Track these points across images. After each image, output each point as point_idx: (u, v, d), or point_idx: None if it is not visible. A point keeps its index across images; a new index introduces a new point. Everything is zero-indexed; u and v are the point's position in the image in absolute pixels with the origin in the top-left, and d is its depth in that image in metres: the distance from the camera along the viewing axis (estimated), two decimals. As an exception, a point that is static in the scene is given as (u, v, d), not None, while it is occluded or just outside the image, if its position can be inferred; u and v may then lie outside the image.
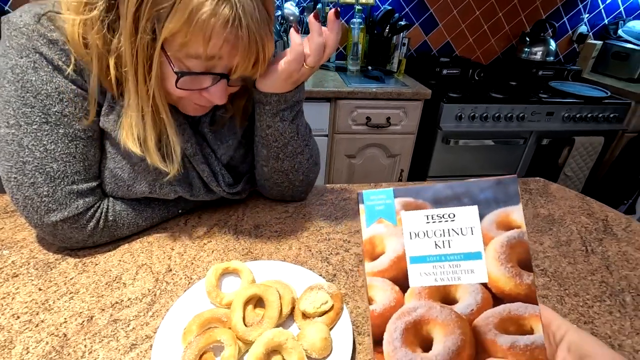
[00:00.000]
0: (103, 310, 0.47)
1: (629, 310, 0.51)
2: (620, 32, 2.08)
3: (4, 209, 0.65)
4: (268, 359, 0.40)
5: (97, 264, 0.54)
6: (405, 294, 0.29)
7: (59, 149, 0.50)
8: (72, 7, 0.45)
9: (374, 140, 1.73)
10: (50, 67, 0.48)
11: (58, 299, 0.48)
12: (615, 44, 2.06)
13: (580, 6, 2.14)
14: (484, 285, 0.28)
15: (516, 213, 0.28)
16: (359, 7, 1.90)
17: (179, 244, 0.59)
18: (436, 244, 0.29)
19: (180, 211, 0.65)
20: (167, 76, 0.47)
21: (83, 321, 0.45)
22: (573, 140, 1.79)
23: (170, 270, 0.54)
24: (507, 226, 0.28)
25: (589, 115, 1.77)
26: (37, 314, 0.46)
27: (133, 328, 0.45)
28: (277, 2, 1.86)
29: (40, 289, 0.49)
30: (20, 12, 0.48)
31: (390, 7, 1.96)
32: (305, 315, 0.45)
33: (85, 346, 0.42)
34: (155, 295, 0.50)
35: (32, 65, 0.47)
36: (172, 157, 0.52)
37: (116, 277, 0.52)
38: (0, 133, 0.49)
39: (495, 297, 0.28)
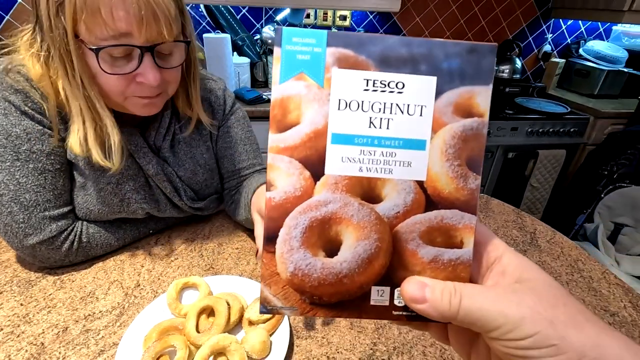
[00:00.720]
0: (77, 321, 0.54)
1: None
2: (581, 51, 2.22)
3: (-10, 231, 0.72)
4: (214, 359, 0.47)
5: (73, 281, 0.62)
6: (317, 183, 0.23)
7: (30, 182, 0.57)
8: (24, 47, 0.54)
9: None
10: (17, 112, 0.56)
11: (37, 312, 0.55)
12: (577, 62, 2.19)
13: (544, 27, 2.29)
14: (419, 183, 0.23)
15: (483, 96, 0.22)
16: (335, 30, 2.01)
17: (148, 261, 0.67)
18: (371, 122, 0.22)
19: (151, 231, 0.73)
20: (95, 68, 0.51)
21: (59, 331, 0.52)
22: (537, 154, 1.91)
23: (139, 285, 0.62)
24: (466, 111, 0.22)
25: (551, 130, 1.89)
26: (19, 326, 0.53)
27: (102, 337, 0.52)
28: (257, 25, 1.97)
29: (21, 304, 0.56)
30: None
31: (364, 30, 2.07)
32: (251, 322, 0.53)
33: (59, 353, 0.49)
34: (123, 307, 0.57)
35: (2, 112, 0.55)
36: (112, 151, 0.56)
37: (90, 292, 0.59)
38: None
39: (429, 200, 0.23)
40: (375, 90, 0.22)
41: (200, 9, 1.85)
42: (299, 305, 0.23)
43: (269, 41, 1.83)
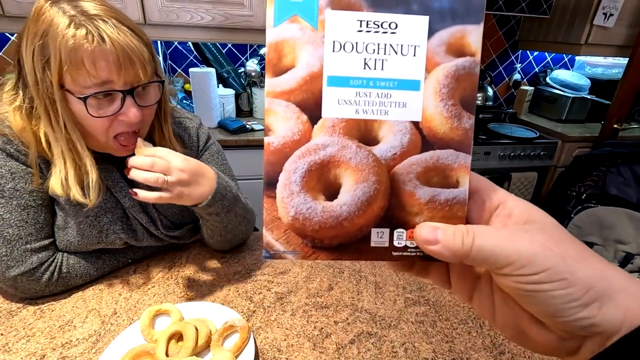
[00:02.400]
0: (54, 349, 0.57)
1: (484, 330, 0.65)
2: (548, 79, 2.37)
3: (-26, 264, 0.75)
4: (182, 381, 0.51)
5: (53, 310, 0.65)
6: (315, 127, 0.23)
7: (13, 217, 0.62)
8: (7, 102, 0.61)
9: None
10: (3, 154, 0.61)
11: (17, 342, 0.58)
12: (545, 89, 2.34)
13: (513, 57, 2.44)
14: (415, 124, 0.23)
15: (474, 35, 0.22)
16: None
17: (126, 289, 0.71)
18: (366, 63, 0.22)
19: (130, 261, 0.77)
20: (79, 113, 0.57)
21: (37, 359, 0.56)
22: (510, 176, 2.00)
23: (116, 313, 0.65)
24: (458, 51, 0.22)
25: (522, 153, 1.99)
26: (-2, 355, 0.56)
27: (78, 363, 0.55)
28: (242, 59, 2.07)
29: (2, 334, 0.60)
30: None
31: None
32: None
33: (36, 379, 0.53)
34: (100, 335, 0.61)
35: None
36: (90, 188, 0.61)
37: (68, 321, 0.63)
38: None
39: (425, 141, 0.23)
40: (369, 31, 0.22)
41: (188, 45, 1.95)
42: (301, 249, 0.24)
43: (253, 74, 1.93)
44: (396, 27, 0.22)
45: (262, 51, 2.06)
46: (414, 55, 0.22)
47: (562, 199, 1.89)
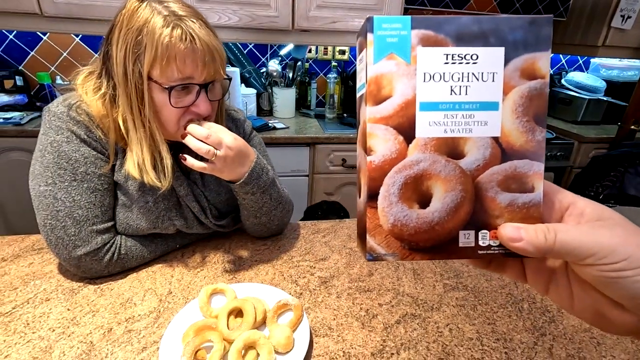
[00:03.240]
0: (119, 323, 0.61)
1: (524, 314, 0.68)
2: (563, 81, 2.39)
3: (31, 247, 0.79)
4: (246, 352, 0.54)
5: (112, 289, 0.69)
6: (410, 145, 0.26)
7: (84, 199, 0.66)
8: (90, 90, 0.65)
9: (350, 179, 1.92)
10: (78, 140, 0.65)
11: (83, 316, 0.62)
12: (560, 91, 2.36)
13: (528, 59, 2.47)
14: (495, 139, 0.26)
15: (543, 60, 0.26)
16: (335, 63, 2.17)
17: (177, 271, 0.74)
18: (452, 90, 0.26)
19: (177, 246, 0.80)
20: (160, 103, 0.62)
21: (104, 332, 0.59)
22: (527, 176, 2.02)
23: (171, 292, 0.69)
24: (531, 75, 0.26)
25: (539, 154, 2.01)
26: (68, 327, 0.60)
27: (143, 336, 0.59)
28: (263, 59, 2.12)
29: (68, 309, 0.63)
30: (56, 103, 0.66)
31: (362, 63, 2.23)
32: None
33: (107, 350, 0.56)
34: (159, 311, 0.64)
35: (65, 139, 0.65)
36: (165, 173, 0.66)
37: (128, 299, 0.66)
38: (40, 190, 0.65)
39: (504, 153, 0.26)
40: (454, 63, 0.25)
41: (210, 45, 2.00)
42: (400, 251, 0.27)
43: (274, 73, 1.97)
44: (477, 58, 0.25)
45: (282, 52, 2.10)
46: (493, 80, 0.26)
47: (580, 199, 1.90)
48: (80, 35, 1.87)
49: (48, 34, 1.83)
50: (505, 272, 0.30)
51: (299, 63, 2.04)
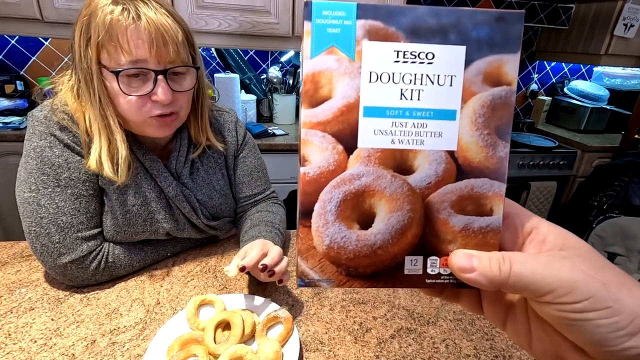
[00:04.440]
0: (104, 335, 0.59)
1: (524, 329, 0.65)
2: (566, 89, 2.37)
3: (20, 254, 0.78)
4: (231, 368, 0.52)
5: (98, 299, 0.67)
6: (350, 157, 0.23)
7: (68, 205, 0.65)
8: (66, 84, 0.65)
9: (350, 186, 1.90)
10: (61, 145, 0.64)
11: (67, 327, 0.60)
12: (562, 100, 2.34)
13: (530, 67, 2.45)
14: (450, 153, 0.23)
15: (511, 64, 0.22)
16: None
17: (167, 281, 0.72)
18: (402, 94, 0.22)
19: (168, 254, 0.78)
20: (114, 91, 0.60)
21: (88, 344, 0.57)
22: (529, 185, 1.99)
23: (159, 303, 0.67)
24: (495, 80, 0.23)
25: (541, 162, 1.99)
26: (51, 338, 0.58)
27: (127, 349, 0.57)
28: (263, 66, 2.12)
29: (52, 319, 0.61)
30: (40, 108, 0.66)
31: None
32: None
33: (89, 363, 0.54)
34: (146, 323, 0.62)
35: (48, 144, 0.64)
36: (119, 164, 0.64)
37: (114, 309, 0.64)
38: (24, 196, 0.63)
39: (460, 170, 0.23)
40: (406, 62, 0.22)
41: (211, 51, 2.00)
42: (336, 277, 0.24)
43: (274, 80, 1.97)
44: (433, 57, 0.22)
45: (283, 58, 2.10)
46: (451, 85, 0.22)
47: (583, 209, 1.88)
48: (82, 41, 1.88)
49: (50, 39, 1.83)
50: (460, 302, 0.26)
51: (299, 70, 2.03)
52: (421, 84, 0.22)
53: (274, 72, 1.98)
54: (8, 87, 1.74)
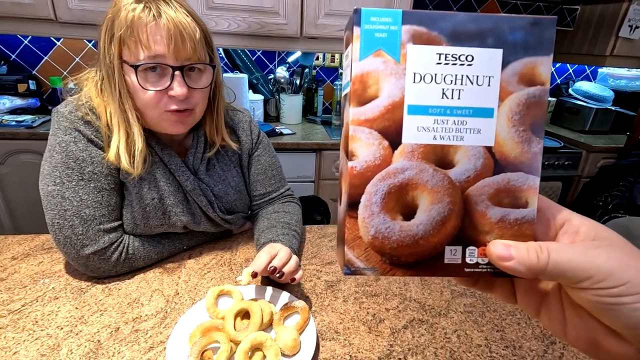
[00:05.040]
0: (127, 323, 0.61)
1: (533, 322, 0.67)
2: (570, 90, 2.39)
3: (41, 246, 0.80)
4: (252, 353, 0.54)
5: (119, 289, 0.69)
6: (395, 152, 0.24)
7: (91, 198, 0.67)
8: (91, 81, 0.68)
9: (356, 185, 1.91)
10: (85, 140, 0.66)
11: (91, 315, 0.62)
12: (567, 101, 2.35)
13: (535, 69, 2.47)
14: (488, 149, 0.25)
15: (544, 65, 0.24)
16: (342, 71, 2.18)
17: (184, 273, 0.74)
18: (444, 93, 0.24)
19: (185, 247, 0.81)
20: (133, 85, 0.63)
21: (112, 331, 0.59)
22: (534, 185, 2.00)
23: (178, 293, 0.69)
24: (530, 81, 0.24)
25: (546, 163, 2.00)
26: (76, 325, 0.60)
27: (150, 336, 0.59)
28: (271, 66, 2.14)
29: (76, 308, 0.64)
30: (65, 104, 0.68)
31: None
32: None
33: (114, 348, 0.56)
34: (166, 312, 0.64)
35: (73, 139, 0.66)
36: (135, 156, 0.66)
37: (135, 299, 0.67)
38: (48, 189, 0.66)
39: (497, 164, 0.25)
40: (447, 64, 0.24)
41: (219, 51, 2.03)
42: (380, 265, 0.25)
43: (282, 80, 1.99)
44: (472, 59, 0.24)
45: (290, 59, 2.13)
46: (489, 85, 0.24)
47: (588, 209, 1.89)
48: (93, 41, 1.91)
49: (62, 39, 1.87)
50: (494, 292, 0.28)
51: (307, 70, 2.06)
52: (461, 84, 0.24)
53: (282, 72, 2.00)
54: (21, 86, 1.77)
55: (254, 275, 0.61)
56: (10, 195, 1.70)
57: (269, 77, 2.09)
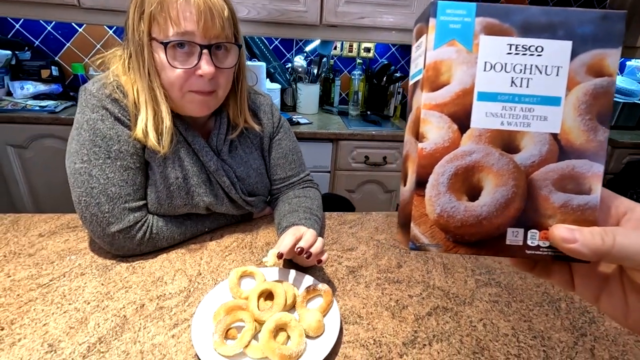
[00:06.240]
0: (151, 300, 0.62)
1: (562, 313, 0.65)
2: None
3: (67, 225, 0.82)
4: (276, 334, 0.54)
5: (143, 268, 0.70)
6: (463, 135, 0.25)
7: (117, 177, 0.67)
8: (118, 60, 0.68)
9: (372, 177, 1.90)
10: (112, 118, 0.67)
11: (117, 291, 0.63)
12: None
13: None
14: (554, 136, 0.25)
15: (612, 57, 0.24)
16: (360, 61, 2.15)
17: (206, 254, 0.75)
18: (512, 81, 0.25)
19: (207, 229, 0.81)
20: (161, 62, 0.63)
21: (137, 307, 0.60)
22: (556, 180, 1.95)
23: (200, 274, 0.69)
24: (597, 72, 0.25)
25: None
26: (103, 301, 0.61)
27: (175, 313, 0.59)
28: (288, 55, 2.13)
29: (102, 284, 0.64)
30: (92, 82, 0.68)
31: (387, 61, 2.21)
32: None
33: (140, 324, 0.57)
34: (189, 291, 0.64)
35: (100, 117, 0.66)
36: (163, 134, 0.67)
37: (159, 277, 0.67)
38: (75, 167, 0.66)
39: (562, 151, 0.25)
40: (517, 54, 0.25)
41: (237, 40, 2.02)
42: (444, 242, 0.26)
43: (299, 69, 1.98)
44: (542, 50, 0.25)
45: (307, 48, 2.11)
46: (557, 75, 0.25)
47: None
48: (114, 28, 1.93)
49: (84, 25, 1.89)
50: (551, 277, 0.28)
51: (324, 59, 2.04)
52: (530, 73, 0.25)
53: (299, 61, 1.98)
54: (44, 72, 1.81)
55: (280, 256, 0.60)
56: (33, 179, 1.75)
57: (287, 66, 2.08)
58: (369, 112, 2.12)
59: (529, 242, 0.26)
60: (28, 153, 1.68)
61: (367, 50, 2.16)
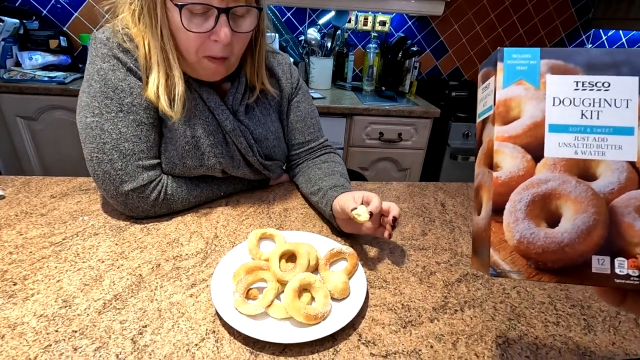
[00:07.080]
0: (167, 260, 0.59)
1: (601, 283, 0.61)
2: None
3: (79, 187, 0.79)
4: (300, 294, 0.51)
5: (158, 229, 0.67)
6: (538, 164, 0.26)
7: (130, 132, 0.64)
8: (127, 8, 0.62)
9: (386, 154, 1.85)
10: (124, 68, 0.63)
11: (131, 251, 0.60)
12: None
13: (584, 37, 2.28)
14: (632, 164, 0.25)
15: None
16: (375, 34, 2.08)
17: (222, 218, 0.72)
18: (583, 114, 0.26)
19: (222, 194, 0.78)
20: (176, 24, 0.59)
21: (153, 267, 0.57)
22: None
23: (217, 236, 0.66)
24: None
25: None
26: (117, 260, 0.58)
27: (192, 274, 0.56)
28: (301, 28, 2.06)
29: (116, 244, 0.62)
30: (103, 30, 0.64)
31: (403, 35, 2.13)
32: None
33: (156, 283, 0.54)
34: (206, 252, 0.62)
35: (112, 67, 0.62)
36: (175, 100, 0.63)
37: (174, 239, 0.64)
38: (87, 122, 0.63)
39: None
40: (585, 90, 0.26)
41: (248, 11, 1.96)
42: (525, 269, 0.26)
43: (313, 42, 1.91)
44: (609, 85, 0.25)
45: (321, 21, 2.03)
46: (627, 107, 0.25)
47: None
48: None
49: (91, -5, 1.83)
50: None
51: (339, 32, 1.96)
52: (600, 106, 0.26)
53: (313, 33, 1.92)
54: (52, 42, 1.77)
55: (370, 215, 0.57)
56: (43, 151, 1.73)
57: (299, 39, 2.01)
58: (383, 88, 2.06)
59: (617, 271, 0.25)
60: (38, 125, 1.66)
61: (383, 23, 2.08)
